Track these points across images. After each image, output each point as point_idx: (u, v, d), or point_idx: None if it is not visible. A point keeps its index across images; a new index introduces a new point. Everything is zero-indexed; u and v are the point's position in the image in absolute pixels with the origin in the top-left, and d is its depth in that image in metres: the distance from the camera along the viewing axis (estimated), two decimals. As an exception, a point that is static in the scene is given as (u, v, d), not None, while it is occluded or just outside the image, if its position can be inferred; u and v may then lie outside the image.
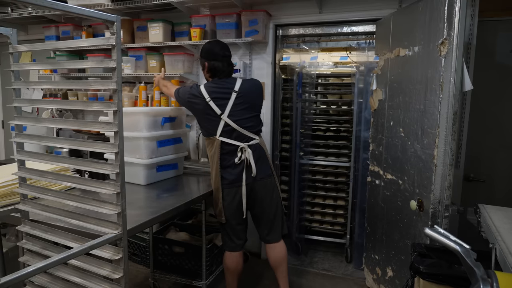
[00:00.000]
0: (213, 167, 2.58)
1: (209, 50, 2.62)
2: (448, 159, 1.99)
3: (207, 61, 2.60)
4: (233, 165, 2.52)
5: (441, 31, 1.98)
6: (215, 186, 2.57)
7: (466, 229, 2.39)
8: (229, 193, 2.55)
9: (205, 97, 2.49)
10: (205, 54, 2.61)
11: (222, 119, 2.49)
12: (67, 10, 1.20)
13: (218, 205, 2.59)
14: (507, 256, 1.37)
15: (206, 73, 2.65)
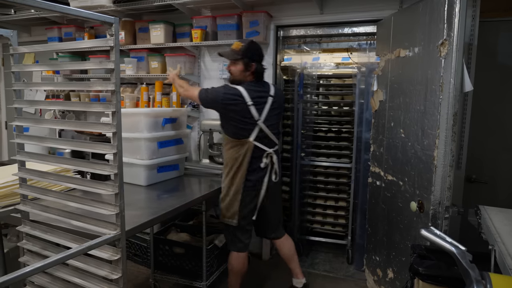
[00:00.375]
0: (237, 170, 2.51)
1: (256, 50, 2.56)
2: (448, 160, 1.98)
3: (253, 62, 2.52)
4: (258, 169, 2.53)
5: (441, 31, 1.97)
6: (236, 188, 2.51)
7: (468, 231, 2.38)
8: (248, 196, 2.54)
9: (246, 100, 2.42)
10: (252, 55, 2.52)
11: (258, 124, 2.48)
12: (65, 12, 1.21)
13: (233, 207, 2.54)
14: (506, 258, 1.36)
15: (248, 74, 2.54)
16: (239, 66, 2.52)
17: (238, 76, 2.54)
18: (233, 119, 2.46)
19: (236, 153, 2.50)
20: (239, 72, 2.53)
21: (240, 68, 2.51)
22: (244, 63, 2.50)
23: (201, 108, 3.77)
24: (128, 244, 3.51)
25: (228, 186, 2.55)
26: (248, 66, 2.51)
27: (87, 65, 2.09)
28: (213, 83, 3.69)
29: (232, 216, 2.56)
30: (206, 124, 3.47)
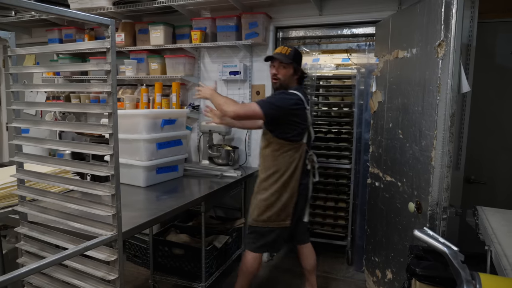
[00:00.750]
0: (292, 173, 2.48)
1: (301, 56, 2.59)
2: (445, 161, 1.98)
3: (299, 66, 2.56)
4: (306, 171, 2.56)
5: (438, 33, 1.97)
6: (291, 191, 2.49)
7: (466, 232, 2.38)
8: (301, 198, 2.55)
9: (304, 104, 2.45)
10: (298, 59, 2.56)
11: (308, 127, 2.51)
12: (62, 14, 1.22)
13: (287, 210, 2.51)
14: (501, 258, 1.36)
15: (295, 79, 2.57)
16: (290, 70, 2.51)
17: (286, 80, 2.52)
18: (294, 123, 2.43)
19: (291, 157, 2.47)
20: (288, 76, 2.51)
21: (290, 72, 2.51)
22: (294, 68, 2.52)
23: (200, 110, 3.78)
24: (128, 246, 3.52)
25: (279, 192, 2.49)
26: (297, 70, 2.54)
27: (84, 67, 2.10)
28: (213, 84, 3.70)
29: (285, 219, 2.52)
30: (206, 125, 3.47)
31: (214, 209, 3.83)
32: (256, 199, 2.57)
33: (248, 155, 3.65)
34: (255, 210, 2.55)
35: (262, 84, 3.52)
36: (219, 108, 2.43)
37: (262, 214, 2.51)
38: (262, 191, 2.54)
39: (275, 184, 2.49)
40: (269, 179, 2.51)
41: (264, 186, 2.53)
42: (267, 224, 2.53)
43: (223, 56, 3.65)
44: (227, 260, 3.30)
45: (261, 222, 2.53)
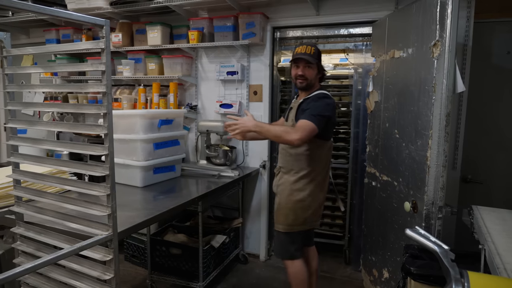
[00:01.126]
0: (326, 172, 2.48)
1: (321, 54, 2.49)
2: (441, 160, 1.98)
3: (321, 64, 2.47)
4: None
5: (434, 33, 1.98)
6: (325, 190, 2.49)
7: (463, 231, 2.39)
8: (323, 198, 2.53)
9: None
10: (320, 58, 2.47)
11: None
12: (55, 15, 1.22)
13: (321, 209, 2.50)
14: (495, 257, 1.36)
15: (319, 78, 2.48)
16: (315, 69, 2.41)
17: (313, 80, 2.42)
18: (331, 122, 2.38)
19: (326, 156, 2.45)
20: (314, 76, 2.42)
21: (316, 71, 2.42)
22: (318, 67, 2.43)
23: (198, 110, 3.79)
24: (126, 246, 3.52)
25: (315, 192, 2.42)
26: (320, 69, 2.45)
27: (79, 67, 2.10)
28: (210, 84, 3.71)
29: (317, 219, 2.50)
30: (203, 125, 3.48)
31: (212, 209, 3.84)
32: (288, 202, 2.41)
33: (245, 155, 3.65)
34: (291, 215, 2.41)
35: (260, 84, 3.53)
36: (277, 140, 2.32)
37: (298, 217, 2.41)
38: (296, 192, 2.39)
39: (310, 183, 2.40)
40: (303, 179, 2.39)
41: (299, 187, 2.39)
42: (303, 227, 2.44)
43: (221, 56, 3.66)
44: (225, 259, 3.31)
45: (298, 226, 2.43)
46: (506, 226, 1.69)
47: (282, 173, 2.49)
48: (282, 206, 2.44)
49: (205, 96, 3.77)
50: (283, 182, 2.46)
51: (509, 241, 1.52)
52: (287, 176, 2.44)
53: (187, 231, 3.37)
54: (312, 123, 2.17)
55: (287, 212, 2.42)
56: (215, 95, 3.71)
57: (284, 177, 2.46)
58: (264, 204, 3.64)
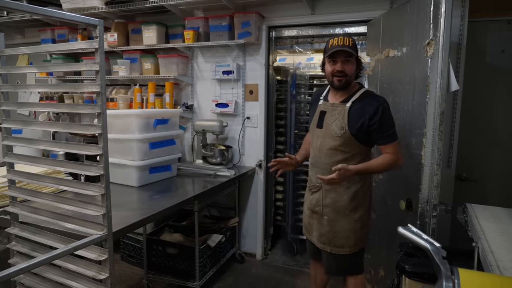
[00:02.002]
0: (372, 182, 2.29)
1: None
2: (435, 159, 2.00)
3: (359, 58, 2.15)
4: None
5: (427, 32, 1.99)
6: (373, 202, 2.31)
7: (458, 229, 2.40)
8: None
9: None
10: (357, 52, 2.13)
11: None
12: (49, 15, 1.22)
13: (368, 224, 2.25)
14: (488, 254, 1.38)
15: (357, 73, 2.14)
16: (354, 64, 2.09)
17: (352, 76, 2.10)
18: None
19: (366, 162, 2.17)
20: (353, 71, 2.09)
21: (355, 66, 2.10)
22: (357, 60, 2.11)
23: (194, 109, 3.79)
24: (122, 245, 3.52)
25: (370, 206, 2.24)
26: (359, 63, 2.13)
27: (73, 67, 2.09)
28: (206, 83, 3.71)
29: (365, 239, 2.25)
30: (199, 124, 3.48)
31: (208, 208, 3.84)
32: (346, 222, 2.14)
33: (241, 154, 3.65)
34: (352, 236, 2.15)
35: (255, 84, 3.53)
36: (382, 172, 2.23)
37: (360, 236, 2.18)
38: (353, 212, 2.14)
39: (365, 199, 2.19)
40: (359, 195, 2.15)
41: (355, 206, 2.14)
42: (363, 244, 2.25)
43: (216, 55, 3.66)
44: (221, 259, 3.31)
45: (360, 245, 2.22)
46: (499, 224, 1.71)
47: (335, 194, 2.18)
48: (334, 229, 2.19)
49: (201, 96, 3.77)
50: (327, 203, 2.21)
51: (502, 238, 1.54)
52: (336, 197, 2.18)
53: (183, 230, 3.37)
54: (397, 141, 2.05)
55: (346, 234, 2.17)
56: (211, 95, 3.71)
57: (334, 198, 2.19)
58: (261, 203, 3.65)
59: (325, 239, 2.20)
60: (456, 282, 0.91)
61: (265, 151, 3.61)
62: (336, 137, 2.08)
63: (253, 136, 3.60)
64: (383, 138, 2.03)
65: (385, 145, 2.04)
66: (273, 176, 3.86)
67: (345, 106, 2.08)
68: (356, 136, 2.04)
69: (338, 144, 2.07)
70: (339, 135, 2.06)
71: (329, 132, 2.11)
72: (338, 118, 2.08)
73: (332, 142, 2.09)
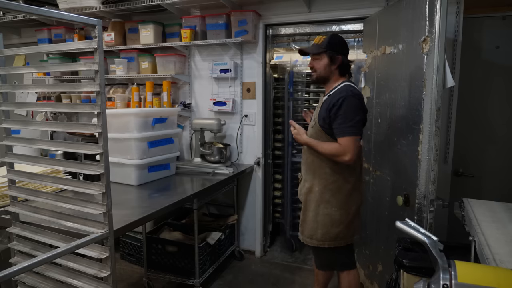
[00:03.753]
0: (357, 180, 2.27)
1: (342, 42, 2.24)
2: (432, 154, 2.01)
3: (339, 54, 2.21)
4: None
5: (423, 28, 2.00)
6: (358, 202, 2.27)
7: (455, 224, 2.43)
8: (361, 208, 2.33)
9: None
10: (337, 47, 2.21)
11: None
12: (47, 15, 1.23)
13: (354, 223, 2.27)
14: (484, 248, 1.40)
15: (334, 69, 2.21)
16: (324, 60, 2.20)
17: (323, 72, 2.22)
18: (363, 120, 2.20)
19: (358, 158, 2.21)
20: (323, 67, 2.21)
21: (325, 62, 2.20)
22: (329, 56, 2.20)
23: (192, 108, 3.80)
24: (122, 244, 3.53)
25: (347, 203, 2.22)
26: (333, 59, 2.20)
27: (72, 67, 2.10)
28: (203, 82, 3.72)
29: (354, 233, 2.28)
30: (198, 123, 3.49)
31: (207, 206, 3.86)
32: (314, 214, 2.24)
33: (240, 152, 3.67)
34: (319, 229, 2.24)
35: (253, 82, 3.54)
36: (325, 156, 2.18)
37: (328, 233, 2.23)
38: (323, 205, 2.22)
39: (340, 197, 2.22)
40: (331, 190, 2.22)
41: (325, 200, 2.22)
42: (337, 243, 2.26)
43: (214, 54, 3.66)
44: (221, 256, 3.33)
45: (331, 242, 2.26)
46: (495, 218, 1.73)
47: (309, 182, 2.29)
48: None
49: (199, 94, 3.78)
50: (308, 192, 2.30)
51: (498, 232, 1.56)
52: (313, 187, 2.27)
53: (182, 228, 3.38)
54: (351, 137, 2.07)
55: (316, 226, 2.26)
56: (208, 93, 3.72)
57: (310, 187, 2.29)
58: (259, 201, 3.66)
59: (300, 227, 2.36)
60: (453, 274, 0.93)
61: (263, 148, 3.63)
62: (310, 128, 2.25)
63: (251, 134, 3.62)
64: (337, 129, 2.09)
65: (339, 137, 2.09)
66: (271, 173, 3.88)
67: (322, 99, 2.24)
68: (322, 127, 2.16)
69: (310, 134, 2.23)
70: (312, 125, 2.24)
71: (310, 123, 2.30)
72: (316, 110, 2.26)
73: (309, 133, 2.25)
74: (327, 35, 2.25)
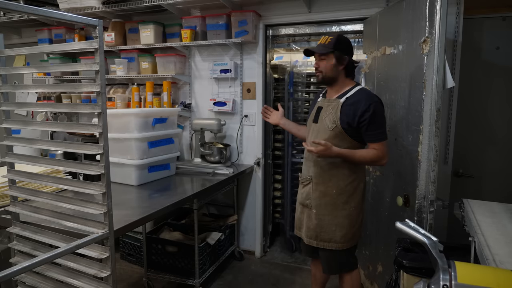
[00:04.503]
0: (365, 179, 2.28)
1: (348, 43, 2.22)
2: (432, 155, 2.02)
3: (347, 55, 2.19)
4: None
5: (423, 29, 2.01)
6: (362, 205, 2.25)
7: (455, 225, 2.43)
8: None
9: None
10: (344, 48, 2.18)
11: None
12: (49, 16, 1.23)
13: (358, 223, 2.24)
14: (484, 248, 1.40)
15: (342, 69, 2.20)
16: (331, 60, 2.17)
17: (329, 72, 2.19)
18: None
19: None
20: (330, 68, 2.18)
21: (332, 62, 2.17)
22: (336, 57, 2.17)
23: (192, 108, 3.80)
24: (122, 244, 3.53)
25: (361, 202, 2.24)
26: (340, 59, 2.18)
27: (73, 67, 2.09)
28: (204, 82, 3.72)
29: (360, 231, 2.29)
30: (198, 123, 3.49)
31: (207, 206, 3.86)
32: (333, 217, 2.20)
33: (240, 152, 3.67)
34: (338, 231, 2.20)
35: (253, 82, 3.55)
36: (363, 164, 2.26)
37: (347, 234, 2.22)
38: (341, 207, 2.19)
39: (355, 197, 2.22)
40: (348, 191, 2.20)
41: (343, 201, 2.20)
42: (353, 243, 2.27)
43: (214, 54, 3.67)
44: (221, 256, 3.33)
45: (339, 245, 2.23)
46: (495, 219, 1.73)
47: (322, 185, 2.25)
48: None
49: (199, 94, 3.78)
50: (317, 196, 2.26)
51: (498, 233, 1.56)
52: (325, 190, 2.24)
53: (182, 229, 3.39)
54: (385, 141, 2.13)
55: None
56: (208, 93, 3.72)
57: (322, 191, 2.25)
58: (259, 201, 3.66)
59: (312, 233, 2.25)
60: (453, 274, 0.93)
61: (263, 149, 3.63)
62: (328, 131, 2.16)
63: (251, 134, 3.62)
64: (372, 136, 2.10)
65: (373, 143, 2.12)
66: (271, 174, 3.89)
67: (339, 101, 2.16)
68: (346, 130, 2.11)
69: (329, 137, 2.14)
70: (331, 128, 2.14)
71: (322, 126, 2.20)
72: (332, 112, 2.17)
73: (324, 136, 2.16)
74: (334, 35, 2.22)
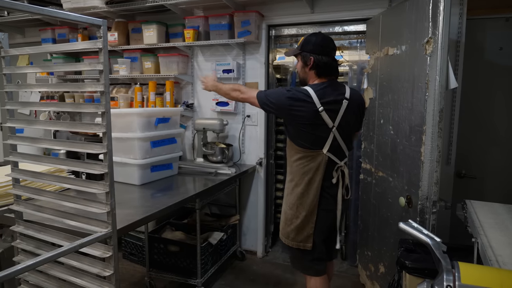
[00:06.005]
0: (307, 187, 2.11)
1: (316, 42, 2.11)
2: (435, 156, 2.02)
3: (312, 54, 2.08)
4: (330, 185, 2.14)
5: (426, 30, 2.00)
6: (310, 209, 2.11)
7: (458, 226, 2.42)
8: (323, 218, 2.15)
9: (315, 103, 2.00)
10: (311, 47, 2.10)
11: (333, 132, 2.07)
12: (53, 15, 1.24)
13: (306, 230, 2.14)
14: (487, 249, 1.40)
15: (308, 70, 2.12)
16: (299, 62, 2.16)
17: (300, 73, 2.18)
18: (303, 126, 2.05)
19: (305, 166, 2.10)
20: (299, 69, 2.17)
21: (300, 64, 2.15)
22: (303, 59, 2.12)
23: (194, 108, 3.81)
24: (124, 243, 3.54)
25: (296, 206, 2.15)
26: (306, 59, 2.11)
27: (77, 67, 2.10)
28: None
29: (306, 240, 2.15)
30: (200, 123, 3.50)
31: (209, 206, 3.86)
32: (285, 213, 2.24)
33: (242, 152, 3.67)
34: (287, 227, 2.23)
35: (255, 82, 3.55)
36: (226, 97, 2.44)
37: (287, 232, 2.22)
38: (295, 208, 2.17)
39: (290, 196, 2.20)
40: (286, 190, 2.24)
41: (285, 198, 2.24)
42: (292, 244, 2.21)
43: (216, 54, 3.67)
44: (222, 256, 3.34)
45: (289, 241, 2.23)
46: (498, 220, 1.73)
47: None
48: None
49: (201, 94, 3.78)
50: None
51: (501, 234, 1.56)
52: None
53: (184, 228, 3.39)
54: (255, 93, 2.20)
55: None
56: (211, 93, 3.71)
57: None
58: (261, 201, 3.67)
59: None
60: (456, 275, 0.93)
61: (266, 149, 3.63)
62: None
63: (254, 134, 3.62)
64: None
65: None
66: (273, 174, 3.89)
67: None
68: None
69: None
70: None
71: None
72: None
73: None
74: (306, 36, 2.20)
